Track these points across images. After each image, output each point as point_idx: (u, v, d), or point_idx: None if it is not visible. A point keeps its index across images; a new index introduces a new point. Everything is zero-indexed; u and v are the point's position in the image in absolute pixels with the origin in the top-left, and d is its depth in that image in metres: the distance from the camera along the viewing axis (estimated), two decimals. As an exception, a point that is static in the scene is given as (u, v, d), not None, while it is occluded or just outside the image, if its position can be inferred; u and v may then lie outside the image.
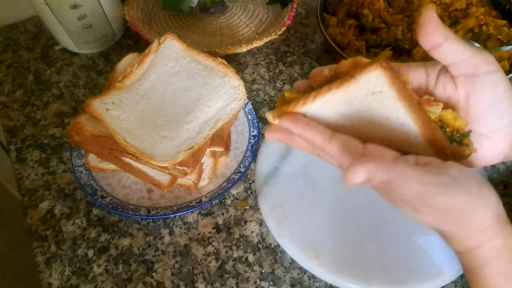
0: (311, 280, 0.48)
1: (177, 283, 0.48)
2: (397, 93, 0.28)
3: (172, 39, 0.54)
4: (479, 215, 0.29)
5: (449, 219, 0.29)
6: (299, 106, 0.30)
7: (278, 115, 0.31)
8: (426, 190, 0.27)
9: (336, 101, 0.29)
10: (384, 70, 0.27)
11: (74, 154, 0.55)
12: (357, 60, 0.30)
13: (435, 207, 0.28)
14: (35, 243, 0.51)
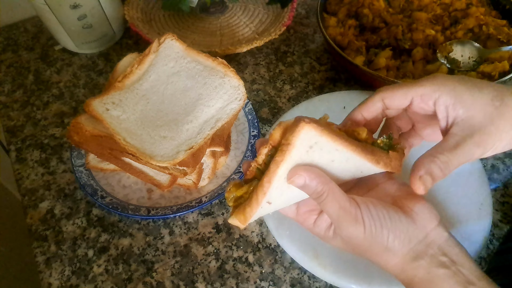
0: (311, 280, 0.48)
1: (177, 283, 0.48)
2: (329, 137, 0.30)
3: (172, 39, 0.54)
4: (378, 256, 0.34)
5: (353, 249, 0.35)
6: (261, 199, 0.31)
7: (244, 220, 0.32)
8: (341, 214, 0.32)
9: (287, 169, 0.32)
10: (309, 124, 0.30)
11: (74, 154, 0.55)
12: (283, 126, 0.32)
13: (341, 233, 0.33)
14: (35, 243, 0.51)
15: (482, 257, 0.50)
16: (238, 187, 0.34)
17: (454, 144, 0.32)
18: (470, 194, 0.52)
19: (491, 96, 0.32)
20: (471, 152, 0.32)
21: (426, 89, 0.33)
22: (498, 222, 0.52)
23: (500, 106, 0.32)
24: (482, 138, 0.32)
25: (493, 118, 0.32)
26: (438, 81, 0.33)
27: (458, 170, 0.54)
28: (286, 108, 0.64)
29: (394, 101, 0.35)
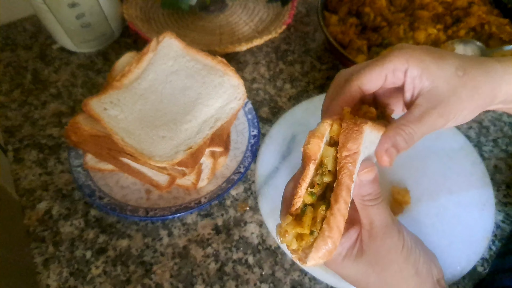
0: (312, 282, 0.48)
1: (176, 285, 0.48)
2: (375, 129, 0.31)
3: (171, 37, 0.54)
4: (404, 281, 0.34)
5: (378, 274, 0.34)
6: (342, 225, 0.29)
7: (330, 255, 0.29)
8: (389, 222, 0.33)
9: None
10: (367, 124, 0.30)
11: (72, 154, 0.54)
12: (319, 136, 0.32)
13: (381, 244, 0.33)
14: (33, 244, 0.51)
15: (484, 258, 0.49)
16: (296, 224, 0.30)
17: (419, 115, 0.32)
18: (472, 195, 0.52)
19: (455, 66, 0.33)
20: (435, 123, 0.33)
21: (397, 63, 0.33)
22: (500, 223, 0.52)
23: (463, 76, 0.33)
24: (445, 109, 0.32)
25: (456, 88, 0.33)
26: (406, 53, 0.33)
27: (460, 170, 0.54)
28: (287, 108, 0.63)
29: (372, 85, 0.35)
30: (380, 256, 0.33)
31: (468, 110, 0.33)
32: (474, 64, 0.33)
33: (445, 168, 0.54)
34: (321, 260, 0.29)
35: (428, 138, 0.56)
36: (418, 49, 0.34)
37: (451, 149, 0.56)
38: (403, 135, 0.32)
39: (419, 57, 0.33)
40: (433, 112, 0.32)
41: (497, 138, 0.60)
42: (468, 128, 0.61)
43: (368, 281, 0.34)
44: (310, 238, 0.29)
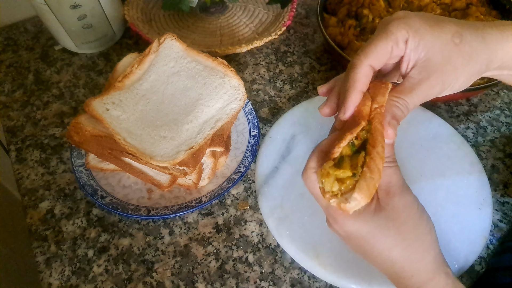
0: (311, 280, 0.48)
1: (177, 283, 0.48)
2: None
3: (172, 39, 0.54)
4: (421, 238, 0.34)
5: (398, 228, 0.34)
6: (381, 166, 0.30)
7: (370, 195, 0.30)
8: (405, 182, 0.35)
9: None
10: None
11: (74, 154, 0.55)
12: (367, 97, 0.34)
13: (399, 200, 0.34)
14: (35, 243, 0.51)
15: (482, 257, 0.50)
16: (337, 168, 0.31)
17: (409, 87, 0.33)
18: (470, 194, 0.52)
19: (451, 33, 0.33)
20: (426, 93, 0.34)
21: (398, 34, 0.33)
22: (498, 222, 0.52)
23: (460, 43, 0.33)
24: (439, 79, 0.33)
25: (451, 56, 0.33)
26: (406, 23, 0.33)
27: (458, 170, 0.55)
28: (286, 108, 0.64)
29: (381, 60, 0.34)
30: (398, 212, 0.33)
31: (464, 78, 0.34)
32: (472, 29, 0.33)
33: (444, 168, 0.55)
34: (362, 202, 0.29)
35: (426, 138, 0.57)
36: (415, 17, 0.34)
37: (449, 149, 0.56)
38: (398, 105, 0.33)
39: (417, 27, 0.33)
40: (424, 83, 0.33)
41: (494, 138, 0.61)
42: (465, 128, 0.62)
43: (388, 233, 0.33)
44: (352, 181, 0.30)
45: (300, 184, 0.54)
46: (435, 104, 0.64)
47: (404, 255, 0.34)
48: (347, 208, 0.30)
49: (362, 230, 0.34)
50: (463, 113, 0.64)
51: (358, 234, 0.34)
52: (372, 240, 0.34)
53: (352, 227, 0.34)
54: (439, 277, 0.34)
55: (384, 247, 0.34)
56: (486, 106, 0.64)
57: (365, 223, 0.34)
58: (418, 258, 0.34)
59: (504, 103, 0.65)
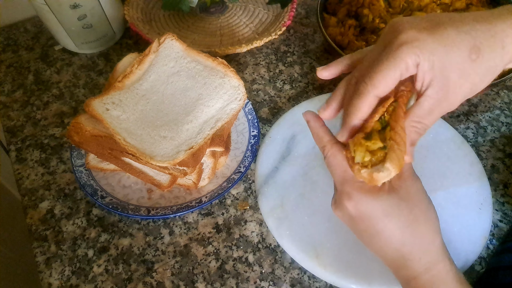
0: (311, 280, 0.48)
1: (177, 283, 0.48)
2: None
3: (172, 39, 0.54)
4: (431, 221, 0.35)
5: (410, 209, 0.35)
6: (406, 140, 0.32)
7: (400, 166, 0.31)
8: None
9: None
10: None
11: (74, 154, 0.55)
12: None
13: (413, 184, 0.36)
14: (35, 243, 0.51)
15: (482, 257, 0.50)
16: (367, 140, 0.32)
17: (428, 109, 0.33)
18: (470, 194, 0.52)
19: (468, 49, 0.32)
20: (445, 111, 0.34)
21: (408, 61, 0.31)
22: (498, 222, 0.52)
23: (477, 59, 0.32)
24: (457, 97, 0.33)
25: (469, 74, 0.32)
26: (416, 47, 0.31)
27: (458, 170, 0.55)
28: (286, 108, 0.64)
29: (388, 88, 0.33)
30: (411, 194, 0.35)
31: (483, 85, 0.33)
32: (489, 38, 0.32)
33: (443, 168, 0.55)
34: (393, 172, 0.30)
35: (425, 138, 0.57)
36: (428, 38, 0.31)
37: (449, 149, 0.56)
38: (417, 130, 0.34)
39: (430, 49, 0.31)
40: (444, 102, 0.33)
41: (494, 138, 0.61)
42: (465, 128, 0.62)
43: (401, 213, 0.34)
44: (382, 153, 0.32)
45: (300, 184, 0.54)
46: (435, 104, 0.64)
47: (415, 236, 0.35)
48: (378, 178, 0.31)
49: (377, 209, 0.34)
50: (463, 113, 0.64)
51: (371, 213, 0.35)
52: (385, 220, 0.34)
53: (368, 205, 0.35)
54: (445, 262, 0.35)
55: (396, 227, 0.34)
56: (486, 106, 0.64)
57: (381, 201, 0.34)
58: (428, 240, 0.35)
59: (504, 103, 0.65)
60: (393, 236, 0.35)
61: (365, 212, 0.35)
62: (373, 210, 0.34)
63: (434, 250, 0.35)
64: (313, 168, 0.55)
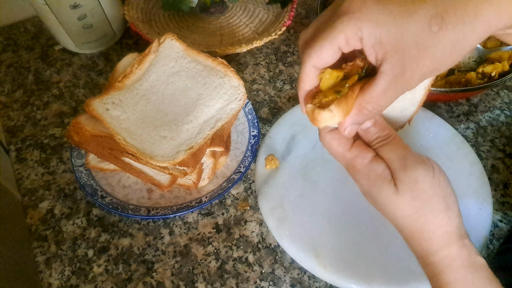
0: (311, 280, 0.48)
1: (177, 283, 0.48)
2: None
3: (172, 39, 0.54)
4: (435, 213, 0.33)
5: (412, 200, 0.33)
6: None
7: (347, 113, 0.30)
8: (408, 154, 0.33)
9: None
10: None
11: (74, 154, 0.55)
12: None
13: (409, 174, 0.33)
14: (35, 243, 0.51)
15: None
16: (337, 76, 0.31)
17: (383, 88, 0.29)
18: (470, 194, 0.52)
19: (428, 18, 0.27)
20: (401, 91, 0.30)
21: (348, 33, 0.28)
22: (498, 222, 0.52)
23: (440, 30, 0.27)
24: (414, 74, 0.29)
25: (429, 47, 0.28)
26: (357, 18, 0.27)
27: (457, 170, 0.55)
28: (286, 108, 0.64)
29: (325, 61, 0.30)
30: (409, 186, 0.32)
31: (450, 62, 0.29)
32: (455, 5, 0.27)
33: (444, 168, 0.54)
34: (337, 117, 0.30)
35: (426, 138, 0.57)
36: (373, 8, 0.27)
37: (449, 149, 0.56)
38: (366, 112, 0.31)
39: (375, 20, 0.27)
40: (401, 80, 0.29)
41: (494, 138, 0.61)
42: (465, 128, 0.62)
43: (397, 206, 0.33)
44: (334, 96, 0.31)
45: (300, 184, 0.54)
46: (435, 104, 0.64)
47: (410, 227, 0.34)
48: (319, 117, 0.30)
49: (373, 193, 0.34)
50: (463, 113, 0.64)
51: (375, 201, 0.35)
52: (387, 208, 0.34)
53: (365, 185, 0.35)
54: (450, 248, 0.33)
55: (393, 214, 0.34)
56: (486, 106, 0.64)
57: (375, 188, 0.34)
58: (429, 230, 0.33)
59: (504, 103, 0.65)
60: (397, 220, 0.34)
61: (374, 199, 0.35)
62: (376, 199, 0.34)
63: (435, 238, 0.33)
64: (313, 168, 0.55)
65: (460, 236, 0.33)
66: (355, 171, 0.35)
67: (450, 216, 0.33)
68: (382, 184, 0.33)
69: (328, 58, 0.30)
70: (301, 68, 0.32)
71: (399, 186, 0.33)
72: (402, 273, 0.46)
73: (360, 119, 0.32)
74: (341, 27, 0.28)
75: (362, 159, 0.34)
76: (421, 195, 0.32)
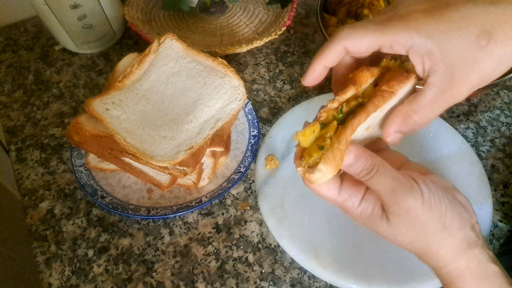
0: (311, 280, 0.48)
1: (177, 283, 0.48)
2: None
3: (172, 39, 0.54)
4: (433, 236, 0.32)
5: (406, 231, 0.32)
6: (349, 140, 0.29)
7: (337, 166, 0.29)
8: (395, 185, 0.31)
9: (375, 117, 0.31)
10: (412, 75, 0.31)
11: (74, 154, 0.55)
12: (373, 73, 0.31)
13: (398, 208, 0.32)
14: (35, 243, 0.51)
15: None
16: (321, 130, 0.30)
17: (431, 99, 0.30)
18: (470, 194, 0.52)
19: (476, 34, 0.28)
20: (449, 103, 0.31)
21: (397, 38, 0.29)
22: (498, 222, 0.52)
23: (487, 45, 0.28)
24: (462, 87, 0.30)
25: (478, 62, 0.29)
26: (411, 27, 0.29)
27: (457, 170, 0.55)
28: (286, 108, 0.64)
29: (359, 49, 0.31)
30: (402, 218, 0.32)
31: (495, 75, 0.30)
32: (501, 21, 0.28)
33: (444, 168, 0.55)
34: (328, 174, 0.29)
35: (426, 138, 0.57)
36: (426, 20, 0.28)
37: (449, 149, 0.56)
38: (411, 122, 0.31)
39: (427, 32, 0.28)
40: (449, 93, 0.30)
41: (494, 138, 0.61)
42: (465, 128, 0.62)
43: (395, 238, 0.33)
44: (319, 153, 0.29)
45: (300, 184, 0.54)
46: (435, 104, 0.64)
47: (415, 251, 0.34)
48: (311, 179, 0.29)
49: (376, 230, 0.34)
50: (463, 113, 0.64)
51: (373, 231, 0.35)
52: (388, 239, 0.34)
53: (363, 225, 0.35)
54: (458, 263, 0.32)
55: (396, 244, 0.34)
56: (486, 106, 0.64)
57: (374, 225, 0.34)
58: (431, 251, 0.33)
59: (504, 103, 0.65)
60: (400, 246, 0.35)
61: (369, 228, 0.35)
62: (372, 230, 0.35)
63: (440, 256, 0.33)
64: (313, 168, 0.55)
65: (468, 247, 0.32)
66: (348, 213, 0.35)
67: (450, 233, 0.32)
68: (375, 222, 0.33)
69: (363, 48, 0.31)
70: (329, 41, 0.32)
71: (392, 220, 0.32)
72: (402, 273, 0.46)
73: (404, 129, 0.31)
74: (393, 30, 0.29)
75: (352, 202, 0.34)
76: (415, 223, 0.32)
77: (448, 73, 0.29)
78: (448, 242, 0.32)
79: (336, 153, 0.29)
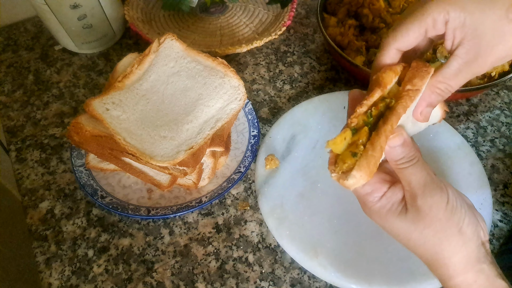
0: (311, 280, 0.48)
1: (177, 283, 0.48)
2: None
3: (172, 39, 0.54)
4: (448, 240, 0.32)
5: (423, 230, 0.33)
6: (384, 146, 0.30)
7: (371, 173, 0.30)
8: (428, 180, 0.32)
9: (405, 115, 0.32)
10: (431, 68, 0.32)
11: (74, 154, 0.55)
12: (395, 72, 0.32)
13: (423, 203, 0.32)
14: (35, 243, 0.51)
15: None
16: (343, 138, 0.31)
17: (456, 70, 0.32)
18: (470, 194, 0.52)
19: (506, 7, 0.30)
20: (473, 74, 0.32)
21: (436, 16, 0.31)
22: (498, 222, 0.52)
23: None
24: (488, 59, 0.31)
25: (505, 34, 0.30)
26: (447, 2, 0.30)
27: (457, 170, 0.55)
28: (286, 108, 0.64)
29: (410, 43, 0.33)
30: (422, 214, 0.32)
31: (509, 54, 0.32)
32: None
33: (444, 167, 0.55)
34: (362, 180, 0.29)
35: (426, 138, 0.57)
36: None
37: (449, 149, 0.56)
38: (438, 92, 0.32)
39: (461, 5, 0.30)
40: (473, 64, 0.31)
41: (494, 138, 0.61)
42: (465, 128, 0.62)
43: (409, 237, 0.33)
44: (353, 160, 0.30)
45: (300, 184, 0.54)
46: (435, 104, 0.64)
47: (426, 255, 0.34)
48: (346, 185, 0.30)
49: (390, 228, 0.34)
50: (463, 113, 0.64)
51: (386, 229, 0.35)
52: (398, 238, 0.35)
53: (380, 222, 0.35)
54: (466, 275, 0.33)
55: (407, 245, 0.34)
56: (486, 106, 0.64)
57: (389, 223, 0.34)
58: (443, 257, 0.33)
59: (504, 103, 0.65)
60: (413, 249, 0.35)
61: (382, 226, 0.35)
62: (385, 228, 0.35)
63: (451, 264, 0.33)
64: (313, 168, 0.55)
65: (477, 260, 0.33)
66: (365, 207, 0.35)
67: (464, 241, 0.32)
68: (391, 217, 0.34)
69: (413, 40, 0.32)
70: (381, 51, 0.33)
71: (411, 215, 0.33)
72: (402, 273, 0.46)
73: (433, 100, 0.33)
74: (430, 10, 0.31)
75: (373, 197, 0.34)
76: (434, 222, 0.32)
77: (475, 45, 0.30)
78: (460, 251, 0.32)
79: (370, 160, 0.29)
